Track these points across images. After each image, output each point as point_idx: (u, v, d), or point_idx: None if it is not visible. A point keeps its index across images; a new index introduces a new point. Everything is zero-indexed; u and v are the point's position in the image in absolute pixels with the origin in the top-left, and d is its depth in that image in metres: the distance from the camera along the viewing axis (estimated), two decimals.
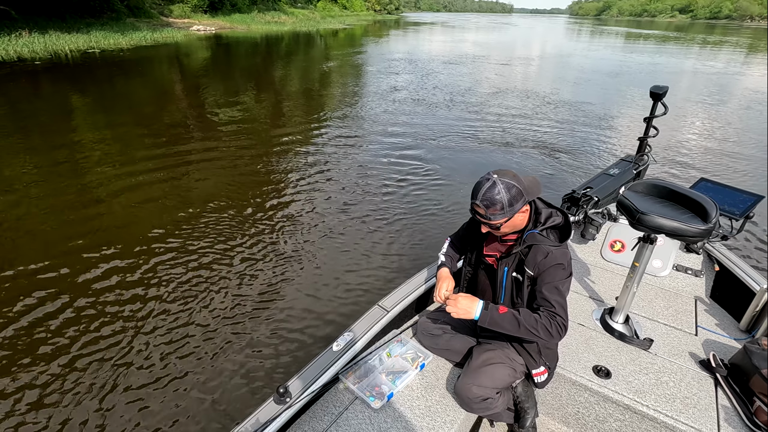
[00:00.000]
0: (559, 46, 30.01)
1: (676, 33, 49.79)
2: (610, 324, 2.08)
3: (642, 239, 1.90)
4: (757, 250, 4.04)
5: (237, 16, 38.09)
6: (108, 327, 2.91)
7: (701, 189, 2.38)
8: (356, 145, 6.93)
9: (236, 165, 5.96)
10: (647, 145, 3.47)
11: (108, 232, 4.09)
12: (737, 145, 7.45)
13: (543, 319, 1.43)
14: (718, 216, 1.70)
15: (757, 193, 2.34)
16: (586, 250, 2.78)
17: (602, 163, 6.39)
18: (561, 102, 10.53)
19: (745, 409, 1.64)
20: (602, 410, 1.78)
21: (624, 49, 27.59)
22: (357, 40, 29.80)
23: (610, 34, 46.91)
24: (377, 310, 1.95)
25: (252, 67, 16.19)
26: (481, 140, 7.37)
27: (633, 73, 15.90)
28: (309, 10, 53.04)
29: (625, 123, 8.85)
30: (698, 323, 2.17)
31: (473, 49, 24.57)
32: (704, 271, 2.48)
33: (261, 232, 4.16)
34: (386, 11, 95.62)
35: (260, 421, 1.42)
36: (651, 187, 1.94)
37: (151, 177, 5.40)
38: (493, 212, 1.45)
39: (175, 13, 32.99)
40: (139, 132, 7.32)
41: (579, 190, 2.82)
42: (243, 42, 25.27)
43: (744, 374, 1.70)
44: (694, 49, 27.83)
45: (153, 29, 25.33)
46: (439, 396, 1.73)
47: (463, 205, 4.85)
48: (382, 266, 3.68)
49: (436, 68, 15.81)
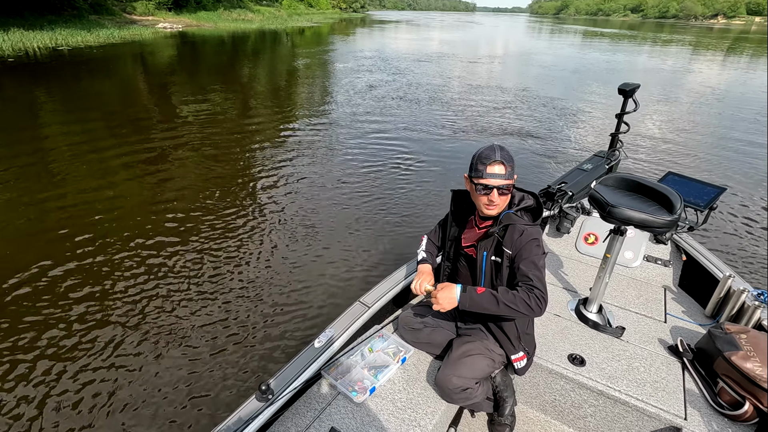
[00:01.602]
0: (524, 44, 30.75)
1: (629, 31, 52.04)
2: (584, 314, 2.16)
3: (613, 231, 1.98)
4: (722, 241, 4.23)
5: (203, 14, 37.44)
6: (81, 326, 2.84)
7: (668, 182, 2.48)
8: (332, 143, 6.93)
9: (209, 161, 5.89)
10: (619, 141, 3.58)
11: (76, 228, 3.99)
12: (698, 136, 7.93)
13: (521, 293, 1.47)
14: (683, 207, 1.78)
15: (720, 185, 2.45)
16: (561, 243, 2.86)
17: (566, 150, 6.71)
18: (530, 97, 10.96)
19: (710, 391, 1.72)
20: (578, 397, 1.85)
21: (584, 46, 28.69)
22: (326, 38, 29.65)
23: (569, 33, 48.44)
24: (358, 306, 1.97)
25: (225, 66, 15.95)
26: (457, 133, 7.53)
27: (596, 70, 16.58)
28: (275, 8, 52.26)
29: (589, 116, 9.24)
30: (667, 311, 2.26)
31: (442, 47, 24.81)
32: (672, 261, 2.59)
33: (238, 228, 4.12)
34: (352, 9, 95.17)
35: (242, 419, 1.41)
36: (621, 181, 2.02)
37: (123, 175, 5.29)
38: (510, 167, 1.55)
39: (139, 11, 32.11)
40: (109, 131, 7.12)
41: (554, 185, 2.90)
42: (210, 40, 24.82)
43: (709, 357, 1.78)
44: (646, 47, 29.19)
45: (119, 27, 24.66)
46: (420, 388, 1.76)
47: (441, 197, 4.96)
48: (363, 262, 3.70)
49: (408, 66, 15.92)
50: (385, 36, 33.34)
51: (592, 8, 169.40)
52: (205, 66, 15.24)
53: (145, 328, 2.88)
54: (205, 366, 2.60)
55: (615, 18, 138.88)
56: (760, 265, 3.82)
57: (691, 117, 9.41)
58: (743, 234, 4.35)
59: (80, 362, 2.60)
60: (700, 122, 8.96)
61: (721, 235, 4.30)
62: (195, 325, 2.91)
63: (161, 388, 2.45)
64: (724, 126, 8.73)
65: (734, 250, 4.03)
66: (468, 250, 1.77)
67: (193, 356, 2.67)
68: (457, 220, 1.83)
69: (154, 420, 2.27)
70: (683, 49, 27.16)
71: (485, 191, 1.56)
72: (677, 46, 30.26)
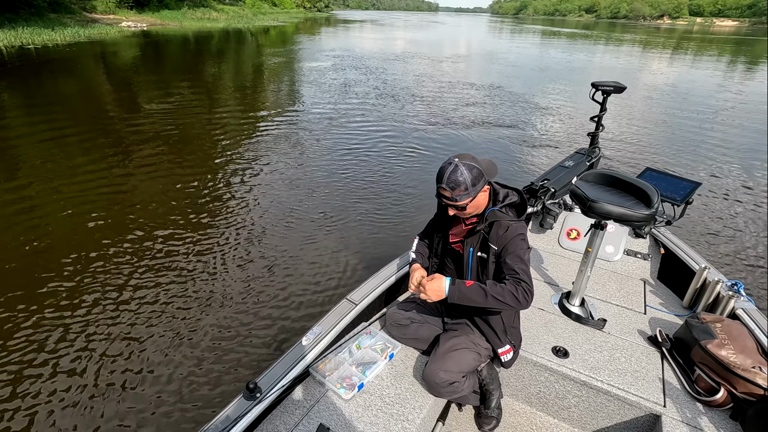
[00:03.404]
0: (489, 43, 31.43)
1: (586, 31, 53.91)
2: (567, 307, 2.20)
3: (594, 226, 2.02)
4: (698, 234, 4.36)
5: (167, 13, 36.52)
6: (64, 331, 2.79)
7: (646, 177, 2.55)
8: (309, 141, 6.91)
9: (182, 164, 5.77)
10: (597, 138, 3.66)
11: (41, 234, 3.90)
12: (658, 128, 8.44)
13: (509, 285, 1.50)
14: (660, 201, 1.83)
15: (695, 180, 2.53)
16: (544, 239, 2.91)
17: (541, 140, 7.03)
18: (502, 94, 11.31)
19: (687, 378, 1.78)
20: (561, 388, 1.89)
21: (545, 45, 29.90)
22: (293, 37, 29.24)
23: (530, 32, 49.55)
24: (346, 304, 1.98)
25: (196, 64, 15.60)
26: (437, 128, 7.67)
27: (559, 69, 17.21)
28: (239, 7, 51.39)
29: (558, 111, 9.63)
30: (647, 303, 2.33)
31: (410, 47, 24.93)
32: (651, 255, 2.66)
33: (219, 227, 4.09)
34: (316, 8, 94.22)
35: (230, 418, 1.41)
36: (600, 176, 2.07)
37: (91, 183, 5.08)
38: (459, 193, 1.54)
39: (99, 9, 30.99)
40: (79, 136, 6.83)
41: (537, 182, 2.95)
42: (177, 39, 24.24)
43: (686, 346, 1.84)
44: (602, 46, 30.45)
45: (83, 25, 23.89)
46: (408, 383, 1.78)
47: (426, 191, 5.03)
48: (350, 259, 3.71)
49: (379, 65, 15.97)
50: (352, 36, 33.19)
51: (549, 9, 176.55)
52: (179, 65, 14.96)
53: (123, 329, 2.84)
54: (191, 366, 2.58)
55: (571, 18, 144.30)
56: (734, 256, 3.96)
57: (650, 109, 9.92)
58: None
59: (61, 362, 2.55)
60: (659, 115, 9.51)
61: (696, 230, 4.43)
62: (179, 325, 2.88)
63: (145, 390, 2.42)
64: (679, 116, 9.36)
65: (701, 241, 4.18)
66: (455, 246, 1.79)
67: (179, 356, 2.64)
68: (445, 217, 1.86)
69: (139, 422, 2.24)
70: (635, 48, 28.52)
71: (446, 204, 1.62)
72: (629, 45, 31.63)
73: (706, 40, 39.48)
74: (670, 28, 71.93)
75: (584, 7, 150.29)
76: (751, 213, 4.84)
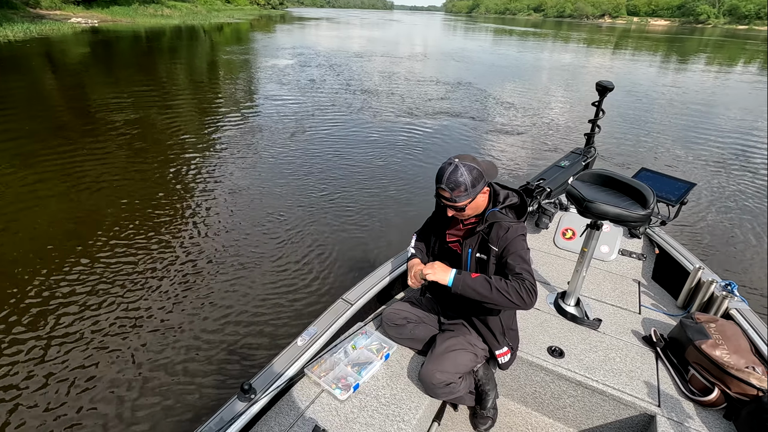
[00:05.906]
0: (448, 41, 32.14)
1: (536, 29, 55.43)
2: (562, 307, 2.21)
3: (589, 226, 2.03)
4: (693, 234, 4.39)
5: (117, 9, 35.49)
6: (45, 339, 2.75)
7: (642, 178, 2.56)
8: (281, 140, 6.83)
9: (139, 162, 5.67)
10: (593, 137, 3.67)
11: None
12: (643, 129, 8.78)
13: (514, 283, 1.49)
14: (656, 202, 1.84)
15: (690, 181, 2.54)
16: (540, 239, 2.92)
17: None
18: (464, 87, 11.96)
19: (681, 378, 1.79)
20: (557, 388, 1.89)
21: (500, 43, 31.35)
22: (249, 35, 28.74)
23: (483, 30, 50.63)
24: (341, 304, 1.97)
25: (157, 62, 15.34)
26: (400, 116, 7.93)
27: (518, 66, 17.97)
28: (191, 4, 50.39)
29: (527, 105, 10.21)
30: (641, 302, 2.34)
31: (370, 45, 24.90)
32: (646, 255, 2.68)
33: (206, 227, 4.06)
34: (270, 6, 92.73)
35: (224, 420, 1.40)
36: (596, 176, 2.07)
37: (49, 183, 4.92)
38: (458, 194, 1.53)
39: (44, 4, 29.82)
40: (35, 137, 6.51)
41: (533, 181, 2.95)
42: (130, 36, 23.61)
43: (680, 346, 1.85)
44: (552, 44, 31.86)
45: (32, 21, 22.99)
46: (404, 384, 1.77)
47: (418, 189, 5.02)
48: (344, 258, 3.69)
49: (342, 62, 16.00)
50: (309, 33, 32.91)
51: (500, 8, 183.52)
52: (133, 62, 14.76)
53: (120, 330, 2.81)
54: (184, 367, 2.56)
55: (521, 16, 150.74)
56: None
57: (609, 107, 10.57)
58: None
59: (56, 364, 2.52)
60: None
61: (690, 230, 4.46)
62: (171, 326, 2.86)
63: (138, 392, 2.40)
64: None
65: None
66: (452, 245, 1.78)
67: (172, 358, 2.62)
68: (443, 216, 1.85)
69: (132, 423, 2.22)
70: (582, 46, 30.26)
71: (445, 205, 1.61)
72: (576, 43, 33.17)
73: (642, 38, 42.39)
74: (611, 27, 74.83)
75: (532, 6, 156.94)
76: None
